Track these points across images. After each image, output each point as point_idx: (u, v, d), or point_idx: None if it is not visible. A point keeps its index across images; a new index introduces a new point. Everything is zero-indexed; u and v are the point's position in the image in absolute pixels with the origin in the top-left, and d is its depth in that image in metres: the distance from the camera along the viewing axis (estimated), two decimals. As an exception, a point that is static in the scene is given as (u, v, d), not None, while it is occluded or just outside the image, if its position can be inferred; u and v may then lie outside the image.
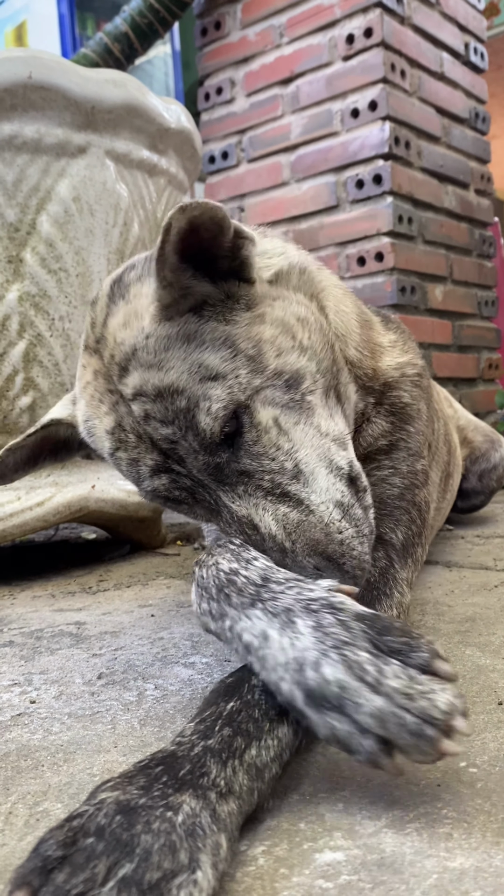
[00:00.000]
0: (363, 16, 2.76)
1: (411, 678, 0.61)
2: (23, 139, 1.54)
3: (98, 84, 1.62)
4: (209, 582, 0.81)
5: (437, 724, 0.59)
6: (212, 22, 3.22)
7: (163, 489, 0.89)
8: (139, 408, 0.85)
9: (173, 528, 2.29)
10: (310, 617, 0.68)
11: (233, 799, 0.59)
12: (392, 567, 0.99)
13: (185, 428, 0.83)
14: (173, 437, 0.84)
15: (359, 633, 0.65)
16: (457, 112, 3.15)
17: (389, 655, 0.63)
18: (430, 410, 1.33)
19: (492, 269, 3.38)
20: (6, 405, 1.59)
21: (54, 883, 0.47)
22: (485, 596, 1.31)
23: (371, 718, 0.60)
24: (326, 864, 0.57)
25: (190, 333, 0.84)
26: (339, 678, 0.62)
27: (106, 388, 0.90)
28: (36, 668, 1.06)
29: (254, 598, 0.74)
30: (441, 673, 0.62)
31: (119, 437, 0.90)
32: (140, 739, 0.80)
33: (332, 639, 0.65)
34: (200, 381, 0.82)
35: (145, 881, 0.48)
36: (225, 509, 0.87)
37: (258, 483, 0.85)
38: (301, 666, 0.65)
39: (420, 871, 0.55)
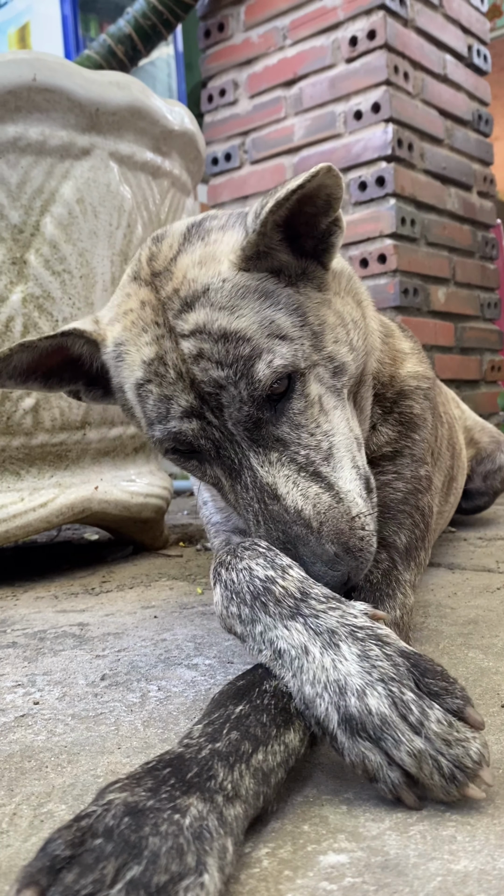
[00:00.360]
0: (366, 18, 2.76)
1: (450, 724, 0.63)
2: (27, 141, 1.55)
3: (102, 86, 1.62)
4: (242, 587, 0.80)
5: (467, 772, 0.62)
6: (215, 24, 3.23)
7: (190, 433, 0.88)
8: (193, 345, 0.86)
9: (176, 529, 2.29)
10: (356, 644, 0.69)
11: (239, 803, 0.59)
12: (395, 569, 1.00)
13: (241, 374, 0.84)
14: (224, 381, 0.85)
15: (404, 671, 0.67)
16: (460, 114, 3.16)
17: (431, 698, 0.65)
18: (435, 418, 1.35)
19: (494, 271, 3.39)
20: (9, 406, 1.59)
21: (63, 883, 0.48)
22: (487, 598, 1.31)
23: (409, 758, 0.62)
24: (330, 867, 0.57)
25: (268, 291, 0.88)
26: (384, 713, 0.64)
27: (153, 319, 0.91)
28: (39, 669, 1.07)
29: (293, 612, 0.74)
30: (471, 721, 0.64)
31: (156, 369, 0.89)
32: (143, 741, 0.81)
33: (379, 672, 0.67)
34: (268, 336, 0.86)
35: (153, 884, 0.48)
36: (248, 472, 0.87)
37: (292, 455, 0.87)
38: (342, 690, 0.66)
39: (424, 873, 0.55)
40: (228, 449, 0.88)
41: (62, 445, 1.67)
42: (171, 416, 0.89)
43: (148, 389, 0.90)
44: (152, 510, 1.85)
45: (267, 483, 0.85)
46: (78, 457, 1.71)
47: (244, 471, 0.87)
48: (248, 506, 0.87)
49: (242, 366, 0.84)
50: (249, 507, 0.87)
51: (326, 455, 0.88)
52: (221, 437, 0.88)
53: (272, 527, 0.84)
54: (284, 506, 0.83)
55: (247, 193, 3.18)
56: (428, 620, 1.19)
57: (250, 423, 0.86)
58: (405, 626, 0.94)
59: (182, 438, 0.89)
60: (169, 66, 4.23)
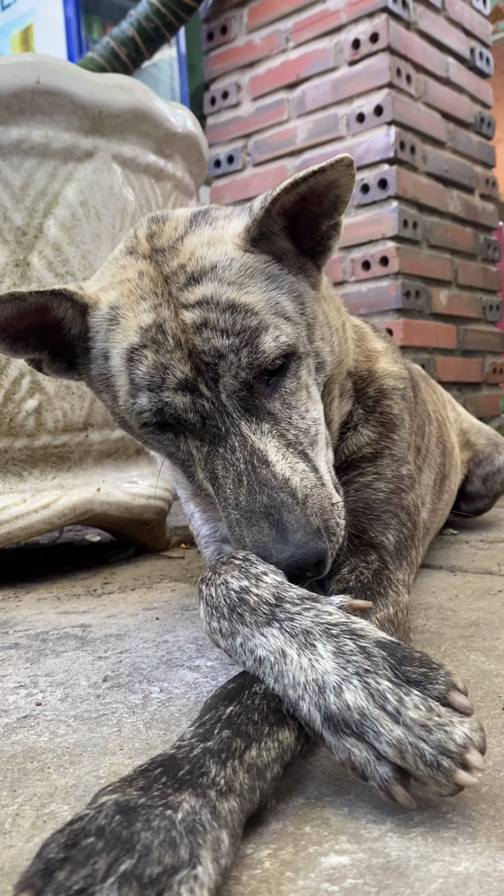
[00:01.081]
0: (369, 21, 2.77)
1: (430, 710, 0.62)
2: (30, 143, 1.55)
3: (105, 89, 1.62)
4: (220, 601, 0.81)
5: (453, 757, 0.60)
6: (218, 26, 3.23)
7: (180, 406, 0.88)
8: (198, 314, 0.87)
9: (177, 531, 2.30)
10: (330, 641, 0.69)
11: (233, 797, 0.59)
12: (386, 568, 1.00)
13: (245, 343, 0.86)
14: (226, 349, 0.86)
15: (380, 661, 0.66)
16: (462, 117, 3.16)
17: (409, 685, 0.64)
18: (418, 416, 1.36)
19: (496, 274, 3.39)
20: (12, 408, 1.60)
21: (56, 881, 0.48)
22: (489, 601, 1.31)
23: (390, 748, 0.61)
24: (332, 868, 0.57)
25: (273, 275, 0.92)
26: (361, 705, 0.63)
27: (152, 289, 0.91)
28: (41, 670, 1.07)
29: (269, 618, 0.75)
30: (457, 705, 0.63)
31: (154, 336, 0.89)
32: (146, 742, 0.81)
33: (354, 665, 0.66)
34: (274, 314, 0.89)
35: (146, 876, 0.49)
36: (237, 437, 0.87)
37: (283, 431, 0.89)
38: (321, 689, 0.66)
39: (425, 875, 0.55)
40: (217, 419, 0.88)
41: (64, 447, 1.68)
42: (166, 386, 0.88)
43: (143, 354, 0.89)
44: (154, 512, 1.85)
45: (258, 448, 0.86)
46: (80, 458, 1.72)
47: (231, 437, 0.87)
48: (230, 468, 0.86)
49: (248, 336, 0.87)
50: (232, 468, 0.86)
51: (312, 441, 0.91)
52: (212, 408, 0.88)
53: (257, 489, 0.83)
54: (273, 472, 0.84)
55: (249, 196, 3.18)
56: (429, 623, 1.19)
57: (245, 391, 0.88)
58: (401, 624, 0.94)
59: (169, 411, 0.89)
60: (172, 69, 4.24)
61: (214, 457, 0.89)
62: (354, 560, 1.01)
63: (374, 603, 0.91)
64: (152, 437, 0.96)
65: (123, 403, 0.94)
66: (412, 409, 1.26)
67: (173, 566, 1.82)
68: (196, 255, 0.91)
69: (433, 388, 1.73)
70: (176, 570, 1.77)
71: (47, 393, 1.62)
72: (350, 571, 0.98)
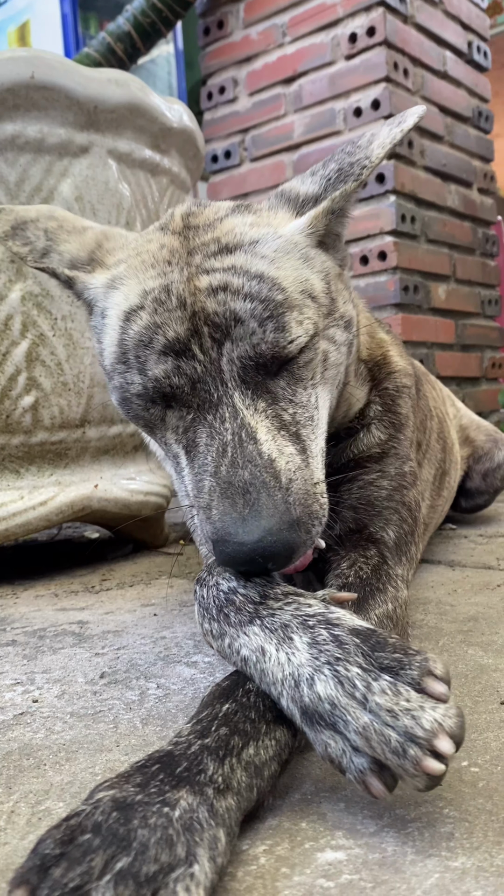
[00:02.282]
0: (366, 14, 2.75)
1: (397, 694, 0.60)
2: (25, 139, 1.54)
3: (100, 84, 1.62)
4: (209, 602, 0.80)
5: (420, 743, 0.57)
6: (214, 21, 3.22)
7: (161, 375, 0.83)
8: (218, 278, 0.84)
9: (176, 527, 2.29)
10: (306, 633, 0.68)
11: (231, 795, 0.59)
12: (385, 563, 1.00)
13: (270, 315, 0.82)
14: (245, 313, 0.82)
15: (352, 648, 0.65)
16: (460, 111, 3.15)
17: (381, 671, 0.62)
18: (420, 412, 1.36)
19: (495, 268, 3.38)
20: (9, 405, 1.59)
21: (51, 878, 0.48)
22: (487, 595, 1.31)
23: (357, 736, 0.60)
24: (328, 864, 0.57)
25: (308, 257, 0.91)
26: (330, 694, 0.62)
27: (167, 259, 0.88)
28: (38, 667, 1.07)
29: (252, 616, 0.74)
30: (431, 691, 0.61)
31: (156, 297, 0.85)
32: (142, 739, 0.81)
33: (326, 655, 0.65)
34: (301, 293, 0.87)
35: (142, 874, 0.48)
36: (228, 408, 0.81)
37: (279, 412, 0.83)
38: (297, 682, 0.65)
39: (421, 870, 0.55)
40: (209, 385, 0.82)
41: (62, 444, 1.67)
42: (155, 345, 0.83)
43: (137, 315, 0.85)
44: (152, 508, 1.85)
45: (248, 423, 0.80)
46: (77, 455, 1.71)
47: (222, 406, 0.82)
48: (215, 436, 0.80)
49: (274, 308, 0.83)
50: (218, 437, 0.80)
51: (309, 418, 0.86)
52: (204, 372, 0.82)
53: (240, 463, 0.76)
54: (259, 450, 0.78)
55: (247, 191, 3.17)
56: (427, 617, 1.19)
57: (252, 364, 0.82)
58: (400, 620, 0.93)
59: (156, 387, 0.84)
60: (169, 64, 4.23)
61: (199, 423, 0.83)
62: (354, 555, 1.01)
63: (373, 598, 0.91)
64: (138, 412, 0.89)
65: (110, 364, 0.90)
66: (416, 406, 1.26)
67: (171, 562, 1.81)
68: (236, 231, 0.90)
69: (433, 384, 1.73)
70: (174, 566, 1.76)
71: (44, 389, 1.61)
72: (349, 566, 0.98)
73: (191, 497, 0.84)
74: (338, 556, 1.03)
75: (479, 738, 0.76)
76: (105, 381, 1.02)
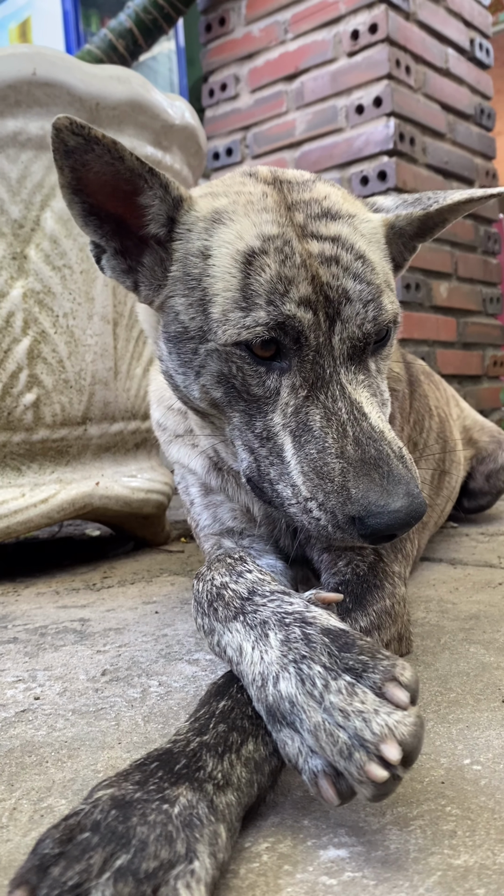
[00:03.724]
0: (368, 12, 2.75)
1: (353, 695, 0.58)
2: (27, 135, 1.54)
3: (102, 80, 1.61)
4: (203, 597, 0.82)
5: (368, 747, 0.55)
6: (216, 18, 3.22)
7: (306, 322, 0.82)
8: (329, 247, 0.85)
9: (177, 525, 2.29)
10: (281, 630, 0.68)
11: (231, 791, 0.59)
12: (381, 561, 1.00)
13: (373, 298, 0.86)
14: (355, 294, 0.85)
15: (319, 647, 0.64)
16: (462, 108, 3.14)
17: (343, 672, 0.61)
18: (416, 412, 1.36)
19: (497, 266, 3.37)
20: (10, 402, 1.59)
21: (51, 877, 0.48)
22: (489, 594, 1.31)
23: (309, 735, 0.59)
24: (330, 861, 0.57)
25: (384, 249, 0.96)
26: (291, 693, 0.62)
27: (275, 208, 0.88)
28: (40, 664, 1.07)
29: (237, 612, 0.75)
30: (390, 696, 0.59)
31: (278, 247, 0.84)
32: (144, 736, 0.81)
33: (294, 653, 0.65)
34: (385, 281, 0.90)
35: (142, 870, 0.48)
36: (337, 386, 0.83)
37: (370, 384, 0.87)
38: (264, 681, 0.65)
39: (424, 868, 0.55)
40: (323, 358, 0.83)
41: (63, 441, 1.67)
42: (290, 298, 0.82)
43: (264, 262, 0.83)
44: (153, 506, 1.85)
45: (356, 400, 0.82)
46: (79, 452, 1.71)
47: (333, 384, 0.83)
48: (332, 416, 0.81)
49: (375, 291, 0.86)
50: (335, 417, 0.81)
51: (383, 403, 0.90)
52: (319, 345, 0.84)
53: (363, 441, 0.78)
54: (372, 425, 0.80)
55: (248, 188, 3.17)
56: (429, 615, 1.19)
57: (360, 345, 0.86)
58: (399, 616, 0.93)
59: (292, 325, 0.82)
60: (170, 61, 4.22)
61: (312, 403, 0.83)
62: (350, 553, 1.01)
63: (371, 595, 0.91)
64: (243, 366, 0.86)
65: (222, 314, 0.85)
66: (405, 402, 1.25)
67: (173, 560, 1.81)
68: (332, 199, 0.91)
69: (436, 385, 1.72)
70: (175, 564, 1.76)
71: (45, 387, 1.61)
72: (346, 564, 0.98)
73: (302, 488, 0.82)
74: (334, 554, 1.03)
75: (480, 736, 0.76)
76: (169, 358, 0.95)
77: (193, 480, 1.20)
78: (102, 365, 1.69)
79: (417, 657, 1.00)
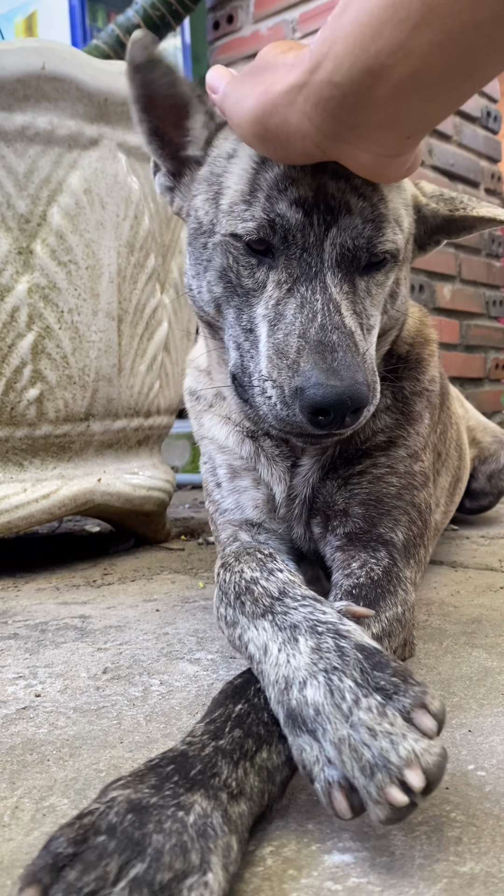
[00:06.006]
0: (377, 12, 2.74)
1: (383, 715, 0.58)
2: (35, 130, 1.54)
3: (111, 76, 1.61)
4: (230, 587, 0.82)
5: (391, 770, 0.55)
6: (224, 16, 3.21)
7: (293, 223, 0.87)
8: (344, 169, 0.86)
9: (178, 522, 2.29)
10: (313, 638, 0.67)
11: (244, 800, 0.58)
12: (395, 566, 0.99)
13: (374, 218, 0.89)
14: (356, 208, 0.87)
15: (352, 661, 0.63)
16: (468, 111, 3.14)
17: (374, 691, 0.60)
18: (442, 423, 1.35)
19: (500, 269, 3.37)
20: (14, 397, 1.58)
21: (66, 881, 0.47)
22: (491, 597, 1.31)
23: (331, 746, 0.58)
24: (335, 866, 0.56)
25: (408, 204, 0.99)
26: (318, 701, 0.61)
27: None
28: (41, 661, 1.06)
29: (266, 610, 0.74)
30: (418, 723, 0.58)
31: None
32: (146, 735, 0.80)
33: (325, 662, 0.64)
34: (396, 220, 0.93)
35: (156, 882, 0.48)
36: (320, 283, 0.87)
37: (355, 301, 0.90)
38: (288, 685, 0.64)
39: (430, 875, 0.55)
40: (312, 257, 0.88)
41: (66, 437, 1.67)
42: (287, 196, 0.87)
43: (274, 164, 0.88)
44: (155, 503, 1.85)
45: (335, 299, 0.86)
46: (81, 449, 1.71)
47: (316, 280, 0.87)
48: (306, 305, 0.86)
49: (377, 215, 0.89)
50: (309, 306, 0.85)
51: (370, 325, 0.92)
52: (310, 244, 0.88)
53: (329, 328, 0.83)
54: (343, 321, 0.85)
55: (253, 187, 3.16)
56: (431, 619, 1.19)
57: (349, 255, 0.88)
58: (408, 623, 0.94)
59: (281, 224, 0.87)
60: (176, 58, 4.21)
61: (291, 296, 0.88)
62: (364, 555, 1.00)
63: (384, 601, 0.90)
64: (236, 260, 0.92)
65: (228, 205, 0.91)
66: (435, 411, 1.25)
67: (173, 558, 1.81)
68: None
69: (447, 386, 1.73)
70: (176, 561, 1.76)
71: (49, 382, 1.61)
72: (360, 567, 0.97)
73: (264, 370, 0.87)
74: (347, 554, 1.02)
75: (485, 742, 0.76)
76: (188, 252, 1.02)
77: (222, 461, 1.19)
78: (106, 361, 1.68)
79: (420, 660, 1.00)
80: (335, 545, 1.05)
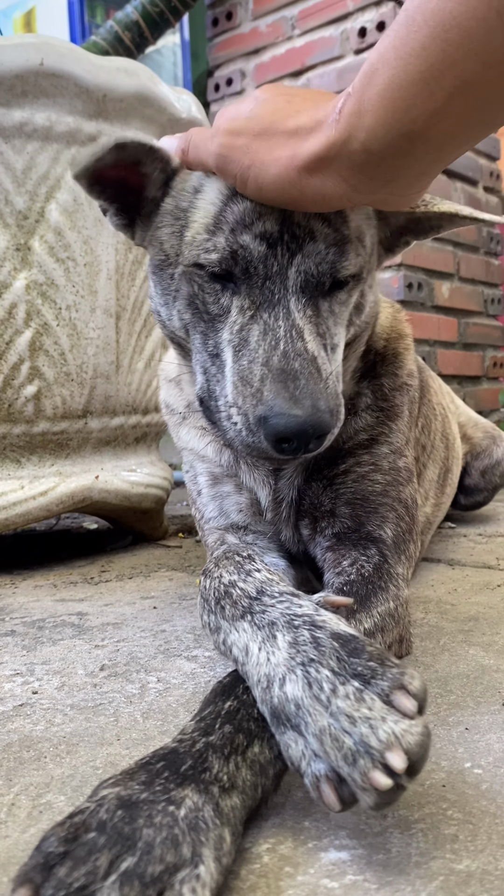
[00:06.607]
0: (376, 9, 2.74)
1: (360, 701, 0.58)
2: (33, 126, 1.53)
3: (110, 72, 1.60)
4: (210, 594, 0.82)
5: (373, 754, 0.55)
6: (223, 12, 3.21)
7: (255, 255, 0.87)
8: None
9: (175, 520, 2.29)
10: (290, 632, 0.68)
11: (236, 794, 0.58)
12: (386, 562, 0.99)
13: (338, 242, 0.89)
14: (320, 235, 0.88)
15: (328, 651, 0.63)
16: (467, 108, 3.13)
17: (352, 677, 0.60)
18: (423, 416, 1.36)
19: (499, 267, 3.37)
20: (11, 394, 1.58)
21: (56, 878, 0.47)
22: (488, 595, 1.31)
23: (314, 738, 0.58)
24: (332, 864, 0.56)
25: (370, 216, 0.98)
26: (297, 695, 0.61)
27: None
28: (38, 658, 1.06)
29: (245, 611, 0.74)
30: (398, 705, 0.58)
31: None
32: (143, 733, 0.80)
33: (302, 656, 0.64)
34: (358, 238, 0.93)
35: (147, 874, 0.48)
36: (283, 310, 0.88)
37: (319, 324, 0.90)
38: (270, 683, 0.65)
39: (426, 872, 0.55)
40: (276, 284, 0.88)
41: (63, 434, 1.66)
42: (252, 231, 0.87)
43: (241, 199, 0.88)
44: (152, 500, 1.84)
45: (298, 324, 0.87)
46: (79, 446, 1.71)
47: (279, 307, 0.88)
48: (269, 332, 0.86)
49: (341, 238, 0.89)
50: (271, 332, 0.86)
51: (334, 344, 0.93)
52: (275, 273, 0.88)
53: (292, 356, 0.84)
54: (306, 347, 0.85)
55: (252, 184, 3.16)
56: (428, 616, 1.19)
57: (313, 280, 0.89)
58: (401, 618, 0.94)
59: (243, 255, 0.88)
60: (175, 55, 4.20)
61: (254, 322, 0.88)
62: (354, 553, 1.01)
63: (375, 596, 0.90)
64: (202, 286, 0.93)
65: (192, 236, 0.91)
66: (415, 405, 1.25)
67: (171, 555, 1.81)
68: None
69: (432, 378, 1.73)
70: (174, 559, 1.76)
71: (47, 379, 1.60)
72: (351, 564, 0.98)
73: (230, 396, 0.88)
74: (338, 553, 1.02)
75: (481, 740, 0.76)
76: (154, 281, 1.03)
77: (202, 469, 1.19)
78: (104, 358, 1.68)
79: (417, 658, 1.00)
80: (325, 545, 1.06)
